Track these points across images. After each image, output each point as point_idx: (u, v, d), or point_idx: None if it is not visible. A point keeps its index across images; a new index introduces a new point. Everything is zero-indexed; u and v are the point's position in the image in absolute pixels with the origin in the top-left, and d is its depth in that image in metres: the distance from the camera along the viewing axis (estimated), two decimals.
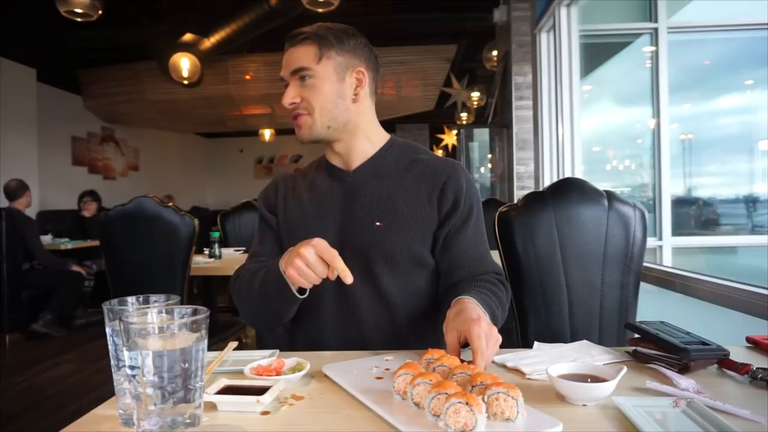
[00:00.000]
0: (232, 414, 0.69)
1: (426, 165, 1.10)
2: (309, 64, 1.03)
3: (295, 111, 1.05)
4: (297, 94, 1.04)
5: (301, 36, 1.04)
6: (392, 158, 1.12)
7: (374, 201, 1.07)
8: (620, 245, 1.36)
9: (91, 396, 2.87)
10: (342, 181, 1.11)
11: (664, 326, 0.91)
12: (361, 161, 1.11)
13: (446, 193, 1.06)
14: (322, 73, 1.03)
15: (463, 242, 1.07)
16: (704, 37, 3.45)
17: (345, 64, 1.05)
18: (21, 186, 4.39)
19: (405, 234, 1.04)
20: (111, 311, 0.67)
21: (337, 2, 4.20)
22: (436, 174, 1.08)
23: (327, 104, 1.04)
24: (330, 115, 1.05)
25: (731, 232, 3.96)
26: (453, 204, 1.06)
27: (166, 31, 5.58)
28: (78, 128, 7.53)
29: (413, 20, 5.80)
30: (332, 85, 1.04)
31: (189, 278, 2.19)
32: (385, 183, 1.08)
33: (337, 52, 1.04)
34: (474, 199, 1.09)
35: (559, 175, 3.31)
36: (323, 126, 1.05)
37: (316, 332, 1.10)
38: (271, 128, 9.12)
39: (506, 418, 0.61)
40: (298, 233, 1.07)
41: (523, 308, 1.38)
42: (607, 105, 3.89)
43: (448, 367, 0.73)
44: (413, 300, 1.08)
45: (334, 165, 1.14)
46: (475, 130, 6.24)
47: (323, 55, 1.03)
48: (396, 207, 1.06)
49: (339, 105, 1.05)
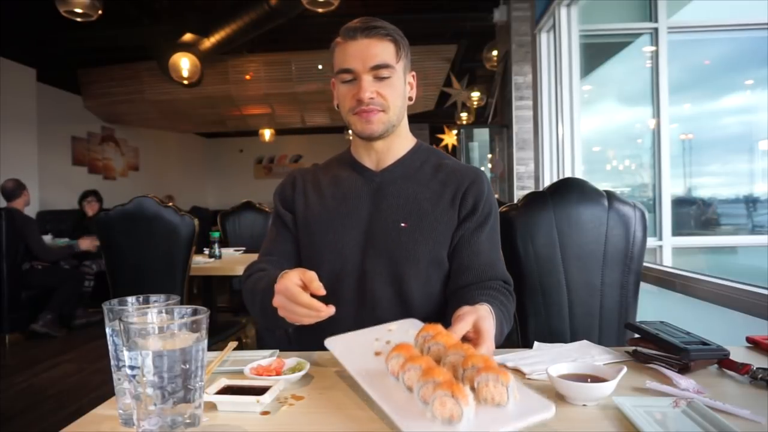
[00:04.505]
0: (232, 414, 0.69)
1: (451, 170, 1.11)
2: (392, 62, 1.04)
3: (370, 106, 1.05)
4: (375, 90, 1.04)
5: (383, 31, 1.04)
6: (419, 161, 1.13)
7: (400, 202, 1.08)
8: (620, 245, 1.36)
9: (91, 396, 2.87)
10: (370, 180, 1.12)
11: (664, 326, 0.91)
12: (392, 161, 1.13)
13: (467, 197, 1.07)
14: (399, 72, 1.06)
15: (476, 245, 1.07)
16: (704, 37, 3.44)
17: (408, 66, 1.11)
18: (18, 186, 4.39)
19: (428, 236, 1.05)
20: (111, 311, 0.67)
21: (337, 2, 4.20)
22: (460, 179, 1.09)
23: (399, 103, 1.07)
24: (399, 114, 1.08)
25: (731, 232, 3.96)
26: (472, 208, 1.07)
27: (166, 31, 5.58)
28: (78, 128, 7.53)
29: (413, 20, 5.79)
30: (402, 86, 1.08)
31: (189, 278, 2.19)
32: (411, 185, 1.10)
33: (405, 55, 1.09)
34: (492, 208, 1.10)
35: (559, 175, 3.30)
36: (391, 124, 1.08)
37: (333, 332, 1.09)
38: (271, 128, 9.13)
39: (497, 403, 0.60)
40: (320, 229, 1.08)
41: (523, 308, 1.38)
42: (608, 105, 3.89)
43: (443, 345, 0.72)
44: (431, 301, 1.07)
45: (361, 163, 1.14)
46: (475, 130, 6.24)
47: (400, 55, 1.06)
48: (421, 209, 1.07)
49: (403, 105, 1.10)
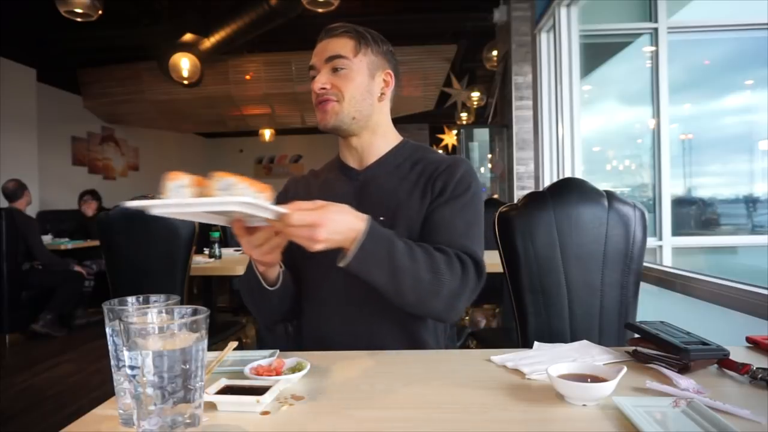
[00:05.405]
0: (232, 414, 0.69)
1: (429, 161, 1.11)
2: (347, 54, 1.05)
3: (324, 96, 1.05)
4: (328, 81, 1.05)
5: (342, 29, 1.08)
6: (402, 157, 1.14)
7: (381, 198, 1.08)
8: (620, 245, 1.36)
9: (91, 396, 2.87)
10: (354, 179, 1.13)
11: (664, 326, 0.91)
12: (374, 159, 1.13)
13: (437, 182, 1.07)
14: (356, 65, 1.06)
15: (437, 218, 1.04)
16: (704, 37, 3.44)
17: (377, 63, 1.10)
18: (20, 186, 4.40)
19: (403, 225, 1.04)
20: (111, 311, 0.67)
21: (337, 2, 4.20)
22: (435, 167, 1.09)
23: (356, 95, 1.06)
24: (357, 106, 1.07)
25: (731, 232, 3.96)
26: (440, 190, 1.06)
27: (166, 31, 5.58)
28: (78, 128, 7.52)
29: (413, 20, 5.79)
30: (363, 79, 1.07)
31: (189, 278, 2.18)
32: (392, 180, 1.10)
33: (373, 51, 1.09)
34: (467, 189, 1.06)
35: (559, 175, 3.30)
36: (349, 116, 1.07)
37: (322, 329, 1.10)
38: (271, 128, 9.12)
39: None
40: None
41: (523, 308, 1.38)
42: (608, 105, 3.89)
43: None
44: None
45: (346, 164, 1.16)
46: (475, 130, 6.23)
47: (360, 50, 1.07)
48: (398, 201, 1.07)
49: (366, 99, 1.08)
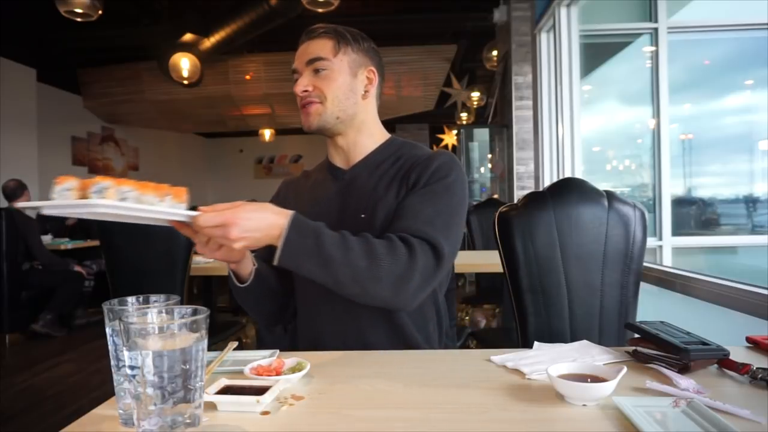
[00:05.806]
0: (232, 414, 0.69)
1: (410, 156, 1.10)
2: (326, 55, 1.06)
3: (307, 99, 1.06)
4: (310, 83, 1.06)
5: (320, 30, 1.08)
6: (387, 154, 1.13)
7: (364, 195, 1.08)
8: (620, 245, 1.35)
9: (91, 396, 2.87)
10: (340, 178, 1.13)
11: (664, 326, 0.91)
12: (360, 158, 1.13)
13: (411, 174, 1.05)
14: (337, 65, 1.06)
15: (404, 205, 1.02)
16: (704, 37, 3.44)
17: (359, 61, 1.09)
18: (20, 186, 4.40)
19: (382, 219, 1.03)
20: (111, 311, 0.67)
21: (337, 2, 4.21)
22: (414, 162, 1.08)
23: (339, 95, 1.06)
24: (341, 106, 1.07)
25: (731, 232, 3.96)
26: (414, 183, 1.04)
27: (166, 31, 5.58)
28: (78, 128, 7.52)
29: (413, 20, 5.80)
30: (345, 79, 1.07)
31: (189, 278, 2.18)
32: (375, 177, 1.10)
33: (353, 50, 1.09)
34: (438, 178, 1.03)
35: (559, 175, 3.30)
36: (332, 116, 1.07)
37: (314, 329, 1.11)
38: (271, 128, 9.12)
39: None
40: None
41: (523, 308, 1.38)
42: (608, 105, 3.89)
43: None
44: None
45: (333, 164, 1.16)
46: (475, 130, 6.24)
47: (340, 49, 1.07)
48: (377, 198, 1.06)
49: (350, 98, 1.08)
